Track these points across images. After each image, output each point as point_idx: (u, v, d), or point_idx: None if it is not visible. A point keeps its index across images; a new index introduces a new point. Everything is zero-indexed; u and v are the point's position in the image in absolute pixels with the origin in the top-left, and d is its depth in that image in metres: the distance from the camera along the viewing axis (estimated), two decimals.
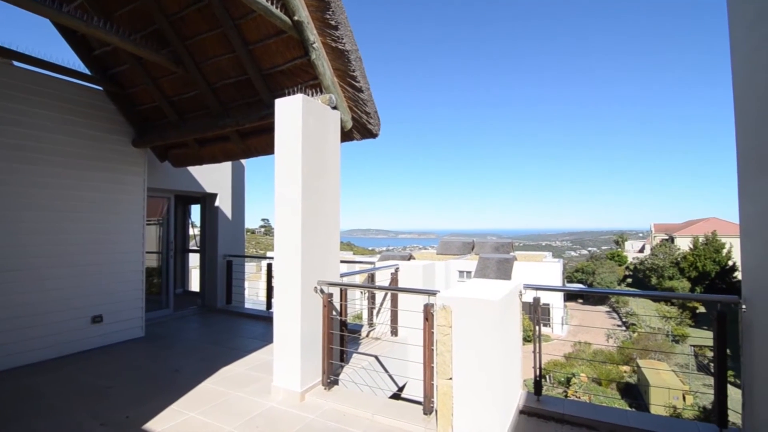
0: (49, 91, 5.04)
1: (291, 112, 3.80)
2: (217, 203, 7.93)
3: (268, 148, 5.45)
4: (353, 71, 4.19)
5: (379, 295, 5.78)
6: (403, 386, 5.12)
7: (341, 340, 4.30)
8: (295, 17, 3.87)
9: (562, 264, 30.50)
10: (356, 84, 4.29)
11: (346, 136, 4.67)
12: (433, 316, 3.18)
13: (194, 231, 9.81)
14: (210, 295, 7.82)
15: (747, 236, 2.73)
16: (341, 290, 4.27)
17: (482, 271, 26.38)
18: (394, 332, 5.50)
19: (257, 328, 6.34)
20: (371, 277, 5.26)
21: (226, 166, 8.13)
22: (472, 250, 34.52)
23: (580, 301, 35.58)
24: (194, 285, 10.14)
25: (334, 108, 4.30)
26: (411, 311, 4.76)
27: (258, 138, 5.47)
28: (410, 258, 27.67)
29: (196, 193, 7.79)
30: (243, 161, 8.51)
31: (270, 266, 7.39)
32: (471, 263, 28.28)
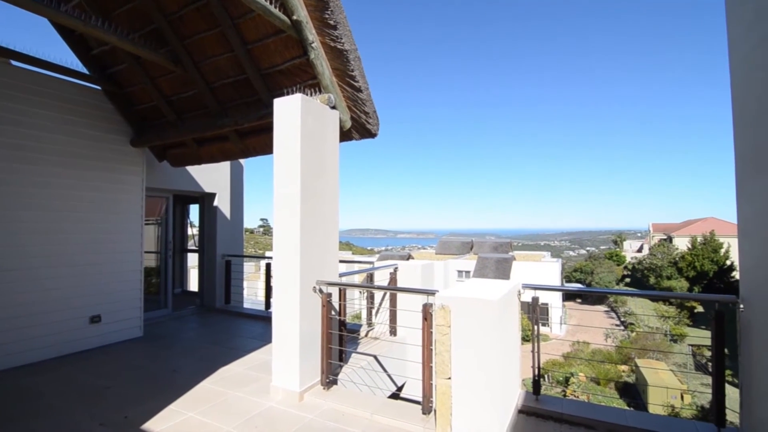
0: (48, 91, 5.03)
1: (290, 112, 3.80)
2: (215, 203, 7.92)
3: (266, 148, 5.44)
4: (352, 71, 4.19)
5: (378, 295, 5.78)
6: (402, 386, 5.12)
7: (340, 339, 4.29)
8: (294, 17, 3.86)
9: (561, 264, 30.54)
10: (355, 84, 4.29)
11: (344, 135, 4.67)
12: (431, 315, 3.18)
13: (193, 231, 9.79)
14: (209, 294, 7.81)
15: (745, 236, 2.74)
16: (340, 290, 4.27)
17: (481, 270, 26.39)
18: (392, 332, 5.50)
19: (256, 328, 6.34)
20: (370, 276, 5.26)
21: (225, 166, 8.13)
22: (471, 249, 34.54)
23: (579, 300, 35.63)
24: (193, 285, 10.14)
25: (333, 108, 4.30)
26: (410, 311, 4.75)
27: (257, 138, 5.46)
28: (409, 258, 27.66)
29: (195, 193, 7.78)
30: (242, 161, 8.51)
31: (269, 266, 7.39)
32: (470, 263, 28.28)
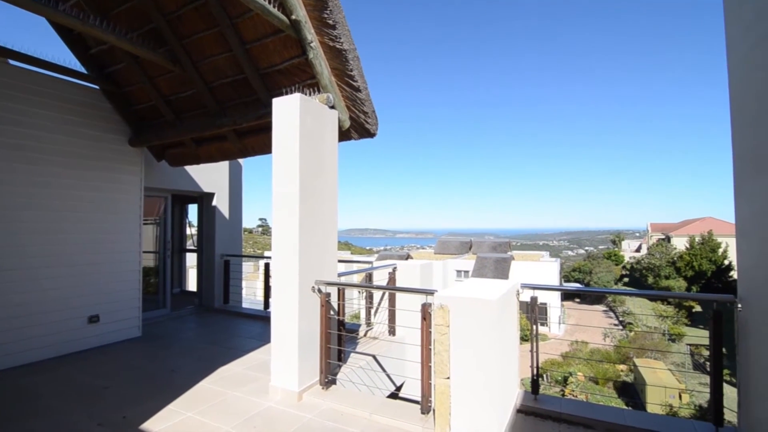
0: (46, 90, 5.01)
1: (288, 112, 3.80)
2: (214, 203, 7.91)
3: (265, 148, 5.44)
4: (351, 70, 4.19)
5: (377, 295, 5.77)
6: (401, 386, 5.12)
7: (339, 339, 4.29)
8: (293, 16, 3.86)
9: (560, 263, 30.60)
10: (354, 83, 4.29)
11: (343, 135, 4.67)
12: (430, 315, 3.18)
13: (191, 230, 9.78)
14: (207, 294, 7.80)
15: (743, 236, 2.75)
16: (339, 290, 4.27)
17: (480, 270, 26.42)
18: (391, 332, 5.50)
19: (255, 328, 6.33)
20: (369, 276, 5.26)
21: (224, 166, 8.12)
22: (470, 249, 34.57)
23: (577, 300, 35.70)
24: (191, 285, 10.11)
25: (332, 107, 4.30)
26: (409, 311, 4.75)
27: (255, 137, 5.45)
28: (408, 257, 27.68)
29: (193, 193, 7.77)
30: (240, 160, 8.50)
31: (267, 266, 7.38)
32: (468, 263, 28.31)
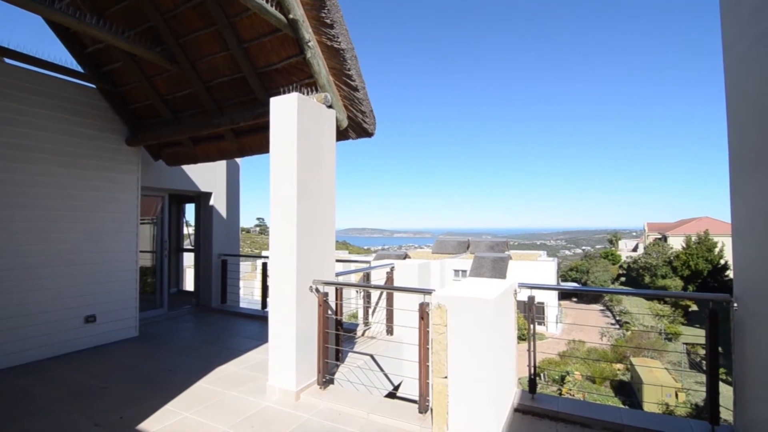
0: (42, 89, 4.99)
1: (286, 111, 3.79)
2: (211, 202, 7.89)
3: (263, 147, 5.43)
4: (349, 70, 4.18)
5: (375, 294, 5.78)
6: (399, 385, 5.12)
7: (337, 339, 4.30)
8: (291, 15, 3.85)
9: (557, 263, 30.69)
10: (352, 83, 4.29)
11: (341, 135, 4.67)
12: (428, 314, 3.18)
13: (189, 230, 9.75)
14: (205, 294, 7.79)
15: (738, 235, 2.76)
16: (337, 289, 4.27)
17: (477, 270, 26.46)
18: (389, 331, 5.51)
19: (252, 328, 6.32)
20: (367, 276, 5.27)
21: (221, 165, 8.10)
22: (468, 249, 34.63)
23: (575, 299, 35.82)
24: (189, 284, 10.09)
25: (330, 107, 4.29)
26: (406, 310, 4.76)
27: (253, 137, 5.44)
28: (406, 257, 27.69)
29: (191, 192, 7.75)
30: (238, 160, 8.48)
31: (265, 265, 7.37)
32: (466, 262, 28.35)
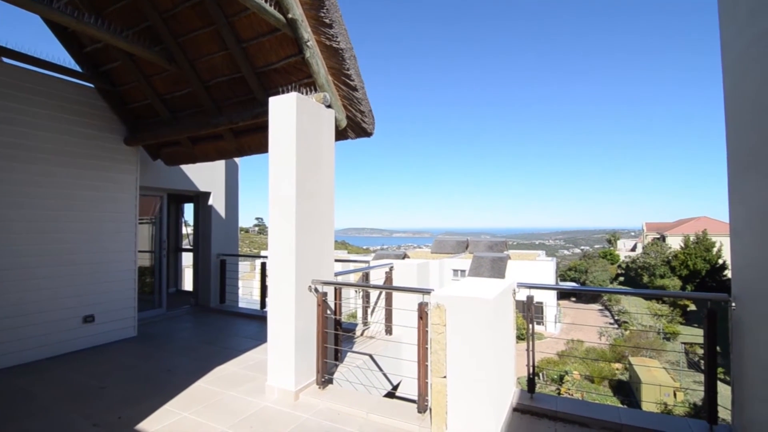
0: (40, 89, 4.98)
1: (285, 111, 3.79)
2: (210, 202, 7.88)
3: (262, 147, 5.42)
4: (348, 70, 4.18)
5: (374, 294, 5.77)
6: (398, 385, 5.12)
7: (336, 338, 4.29)
8: (289, 15, 3.85)
9: (555, 262, 30.71)
10: (351, 83, 4.28)
11: (340, 134, 4.67)
12: (427, 314, 3.18)
13: (187, 230, 9.74)
14: (203, 294, 7.78)
15: (737, 235, 2.77)
16: (336, 289, 4.26)
17: (476, 269, 26.48)
18: (388, 331, 5.51)
19: (251, 328, 6.32)
20: (366, 275, 5.27)
21: (220, 165, 8.09)
22: (467, 248, 34.66)
23: (573, 299, 35.88)
24: (187, 284, 10.08)
25: (329, 107, 4.29)
26: (405, 310, 4.76)
27: (252, 136, 5.43)
28: (405, 257, 27.69)
29: (189, 192, 7.74)
30: (236, 160, 8.47)
31: (264, 265, 7.37)
32: (465, 262, 28.37)
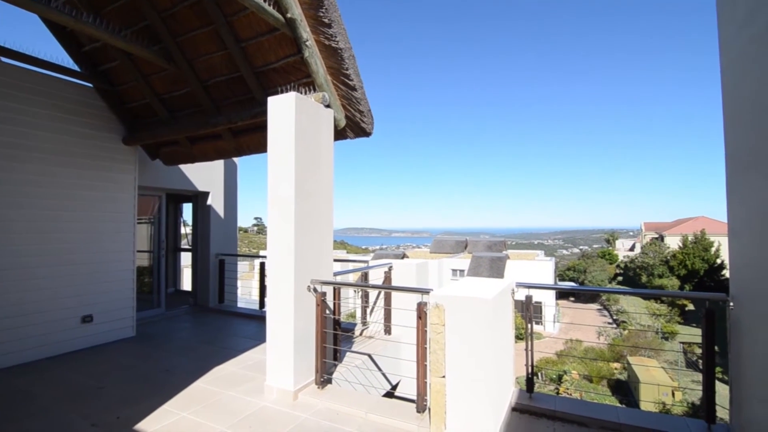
0: (38, 88, 4.96)
1: (284, 111, 3.78)
2: (209, 202, 7.86)
3: (260, 147, 5.42)
4: (346, 69, 4.18)
5: (373, 294, 5.77)
6: (397, 384, 5.12)
7: (334, 338, 4.29)
8: (288, 14, 3.85)
9: (554, 262, 30.74)
10: (350, 82, 4.28)
11: (339, 134, 4.66)
12: (426, 314, 3.18)
13: (186, 230, 9.72)
14: (202, 294, 7.77)
15: (735, 235, 2.77)
16: (335, 289, 4.26)
17: (475, 269, 26.49)
18: (387, 331, 5.51)
19: (250, 327, 6.31)
20: (365, 275, 5.26)
21: (219, 165, 8.07)
22: (465, 248, 34.66)
23: (572, 299, 35.92)
24: (186, 284, 10.06)
25: (328, 106, 4.29)
26: (404, 309, 4.76)
27: (251, 136, 5.43)
28: (404, 256, 27.69)
29: (188, 192, 7.72)
30: (235, 159, 8.46)
31: (263, 265, 7.36)
32: (464, 262, 28.38)
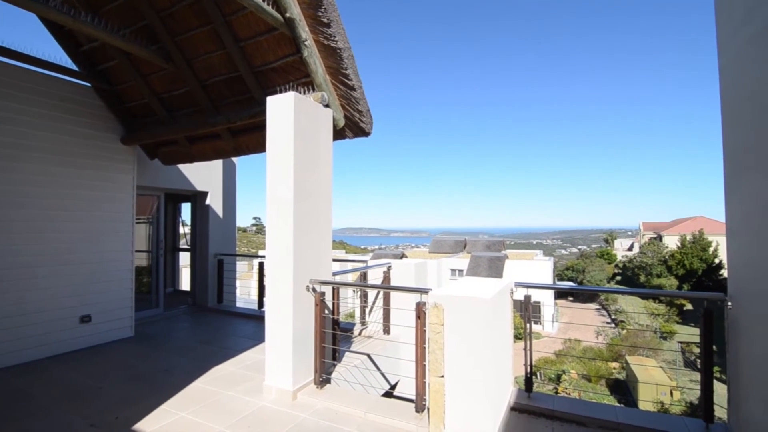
0: (36, 87, 4.95)
1: (283, 110, 3.78)
2: (207, 201, 7.85)
3: (259, 146, 5.41)
4: (345, 69, 4.18)
5: (372, 294, 5.77)
6: (396, 384, 5.13)
7: (333, 338, 4.29)
8: (287, 14, 3.84)
9: (553, 262, 30.79)
10: (349, 82, 4.28)
11: (338, 134, 4.66)
12: (425, 314, 3.19)
13: (185, 229, 9.71)
14: (201, 294, 7.76)
15: (733, 235, 2.78)
16: (333, 289, 4.26)
17: (474, 269, 26.51)
18: (386, 330, 5.50)
19: (249, 327, 6.31)
20: (364, 275, 5.26)
21: (217, 164, 8.06)
22: (464, 248, 34.68)
23: (571, 298, 35.97)
24: (185, 284, 10.05)
25: (327, 106, 4.28)
26: (403, 309, 4.77)
27: (249, 136, 5.42)
28: (402, 256, 27.70)
29: (187, 192, 7.71)
30: (234, 159, 8.45)
31: (262, 265, 7.35)
32: (463, 261, 28.39)
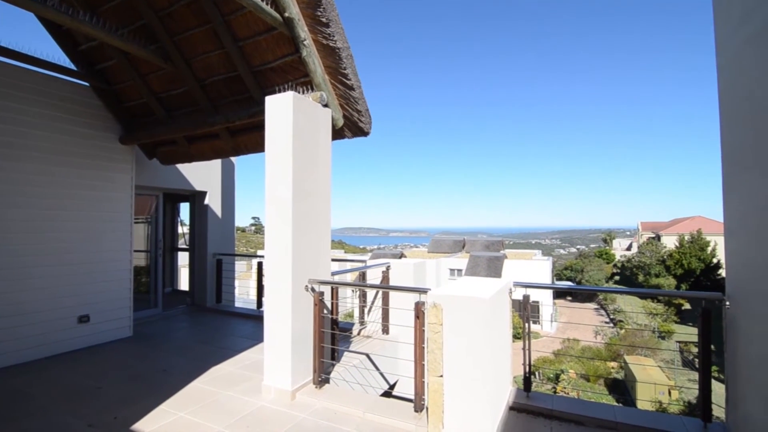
0: (34, 87, 4.94)
1: (281, 110, 3.78)
2: (206, 201, 7.84)
3: (258, 146, 5.40)
4: (344, 69, 4.18)
5: (371, 294, 5.78)
6: (395, 384, 5.13)
7: (332, 338, 4.29)
8: (286, 14, 3.84)
9: (552, 262, 30.84)
10: (347, 82, 4.28)
11: (337, 134, 4.66)
12: (424, 314, 3.19)
13: (183, 229, 9.70)
14: (199, 294, 7.75)
15: (731, 234, 2.79)
16: (332, 288, 4.26)
17: (473, 269, 26.53)
18: (385, 330, 5.51)
19: (247, 327, 6.30)
20: (362, 275, 5.26)
21: (216, 164, 8.05)
22: (463, 248, 34.71)
23: (569, 298, 36.03)
24: (183, 284, 10.03)
25: (325, 106, 4.28)
26: (402, 309, 4.77)
27: (248, 135, 5.42)
28: (401, 256, 27.70)
29: (185, 191, 7.70)
30: (233, 159, 8.44)
31: (260, 265, 7.34)
32: (462, 261, 28.42)
